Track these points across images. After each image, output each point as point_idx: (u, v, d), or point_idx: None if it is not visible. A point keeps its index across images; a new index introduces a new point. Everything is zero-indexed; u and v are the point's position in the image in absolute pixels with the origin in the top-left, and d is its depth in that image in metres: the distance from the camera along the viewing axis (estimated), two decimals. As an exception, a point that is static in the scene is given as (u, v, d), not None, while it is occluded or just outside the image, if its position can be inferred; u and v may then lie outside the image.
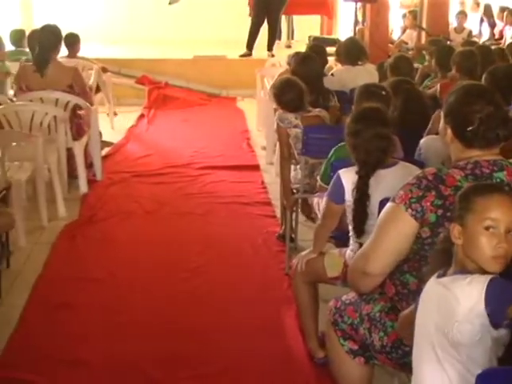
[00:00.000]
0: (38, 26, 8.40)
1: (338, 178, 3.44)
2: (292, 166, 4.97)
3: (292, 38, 13.77)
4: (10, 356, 3.80)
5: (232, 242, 5.38)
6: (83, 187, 6.41)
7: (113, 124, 9.01)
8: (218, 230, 5.62)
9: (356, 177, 3.34)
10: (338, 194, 3.43)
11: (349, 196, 3.37)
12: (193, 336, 4.02)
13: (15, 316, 4.21)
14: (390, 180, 3.24)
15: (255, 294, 4.52)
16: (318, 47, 6.80)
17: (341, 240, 3.69)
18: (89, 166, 6.72)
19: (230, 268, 4.91)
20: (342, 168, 3.54)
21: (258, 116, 9.13)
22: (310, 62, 5.56)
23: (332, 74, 6.43)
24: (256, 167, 7.33)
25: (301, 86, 4.87)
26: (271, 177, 6.84)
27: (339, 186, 3.42)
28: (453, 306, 2.10)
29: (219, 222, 5.79)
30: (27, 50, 8.22)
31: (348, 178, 3.39)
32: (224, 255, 5.13)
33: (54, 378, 3.57)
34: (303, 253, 3.70)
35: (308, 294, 3.70)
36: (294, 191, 4.86)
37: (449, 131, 2.70)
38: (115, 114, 9.06)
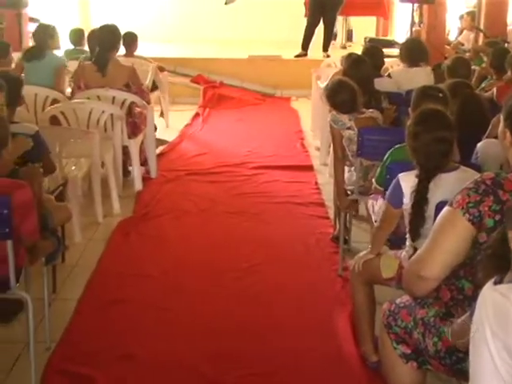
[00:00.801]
0: (95, 25, 8.56)
1: (398, 181, 3.41)
2: (346, 168, 4.95)
3: (350, 40, 13.70)
4: (65, 348, 3.87)
5: (285, 242, 5.38)
6: (138, 185, 6.48)
7: (168, 122, 9.07)
8: (270, 229, 5.63)
9: (415, 181, 3.30)
10: (396, 198, 3.41)
11: (407, 200, 3.34)
12: (244, 335, 4.04)
13: (69, 310, 4.29)
14: (450, 184, 3.19)
15: (307, 295, 4.52)
16: (374, 48, 6.76)
17: (395, 244, 3.67)
18: (143, 163, 6.79)
19: (283, 268, 4.91)
20: (397, 170, 3.52)
21: (312, 117, 9.10)
22: (361, 64, 5.52)
23: (389, 75, 6.38)
24: (310, 168, 7.31)
25: (353, 87, 4.84)
26: (325, 178, 6.83)
27: (398, 189, 3.39)
28: (510, 314, 2.07)
29: (272, 221, 5.80)
30: (85, 48, 8.35)
31: (407, 181, 3.36)
32: (276, 255, 5.13)
33: (107, 372, 3.61)
34: (361, 253, 3.70)
35: (364, 294, 3.68)
36: (348, 193, 4.84)
37: (508, 135, 2.65)
38: (161, 115, 9.10)
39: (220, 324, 4.15)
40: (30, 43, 8.52)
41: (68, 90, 7.14)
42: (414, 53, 6.57)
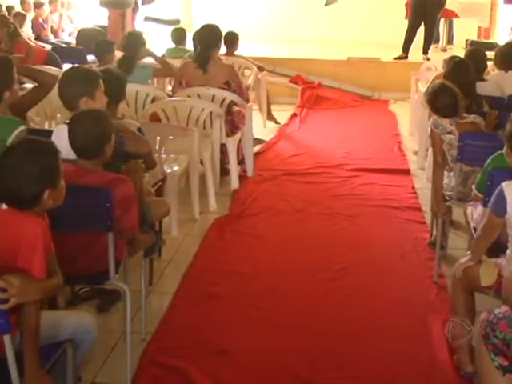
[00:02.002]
0: (196, 24, 8.68)
1: (501, 190, 3.33)
2: (445, 173, 4.87)
3: (450, 43, 13.47)
4: (160, 340, 3.95)
5: (379, 245, 5.33)
6: (234, 183, 6.55)
7: (265, 122, 9.12)
8: (365, 232, 5.60)
9: None
10: (500, 207, 3.33)
11: (510, 208, 3.27)
12: (337, 336, 4.03)
13: (165, 303, 4.38)
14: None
15: (401, 300, 4.47)
16: (477, 51, 6.60)
17: (494, 252, 3.59)
18: (240, 162, 6.85)
19: (377, 271, 4.87)
20: (499, 177, 3.45)
21: (410, 120, 8.99)
22: (463, 68, 5.41)
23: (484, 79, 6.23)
24: (407, 172, 7.22)
25: (455, 92, 4.76)
26: (422, 182, 6.73)
27: (502, 198, 3.31)
28: None
29: (367, 224, 5.76)
30: (187, 47, 8.49)
31: (511, 190, 3.29)
32: (371, 258, 5.10)
33: (200, 366, 3.66)
34: (462, 260, 3.64)
35: (464, 302, 3.62)
36: (447, 198, 4.76)
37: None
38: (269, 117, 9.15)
39: (313, 324, 4.15)
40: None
41: (169, 88, 7.28)
42: (506, 57, 6.36)
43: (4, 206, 2.74)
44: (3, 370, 2.58)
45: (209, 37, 6.48)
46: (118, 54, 7.06)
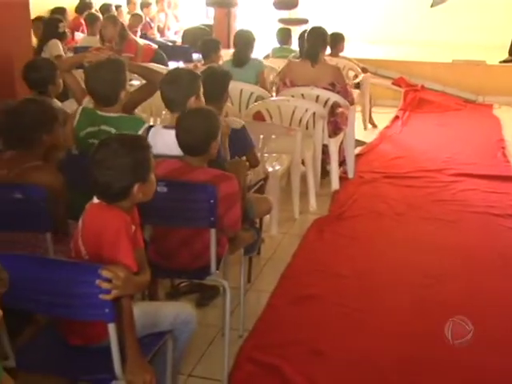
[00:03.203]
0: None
1: None
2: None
3: None
4: (257, 338, 3.98)
5: (480, 252, 5.21)
6: (335, 184, 6.54)
7: (366, 124, 9.06)
8: (466, 238, 5.48)
9: None
10: None
11: None
12: (429, 342, 3.95)
13: (262, 301, 4.40)
14: None
15: (500, 310, 4.36)
16: None
17: None
18: (341, 163, 6.83)
19: (477, 279, 4.76)
20: None
21: (519, 126, 8.76)
22: None
23: None
24: (510, 178, 7.03)
25: None
26: (527, 190, 6.56)
27: None
28: None
29: (468, 230, 5.64)
30: (291, 47, 8.53)
31: None
32: (471, 265, 4.99)
33: (295, 365, 3.67)
34: None
35: None
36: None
37: None
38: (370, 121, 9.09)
39: (406, 328, 4.10)
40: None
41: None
42: None
43: (95, 200, 2.81)
44: (105, 358, 2.64)
45: (315, 38, 6.47)
46: (223, 52, 7.16)
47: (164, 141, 3.72)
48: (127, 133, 2.97)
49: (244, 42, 7.02)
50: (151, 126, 4.18)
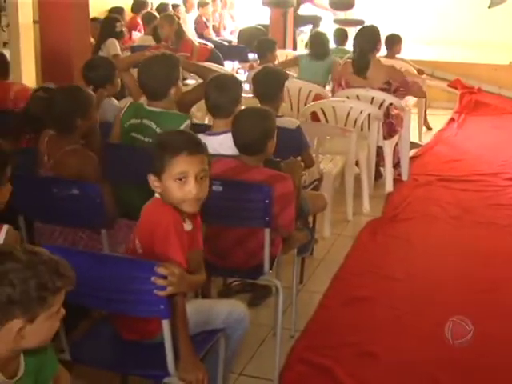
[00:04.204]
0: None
1: None
2: None
3: None
4: (308, 339, 3.98)
5: (537, 258, 5.13)
6: (389, 186, 6.50)
7: (421, 126, 8.97)
8: (522, 243, 5.40)
9: None
10: None
11: None
12: (485, 348, 3.89)
13: (314, 302, 4.40)
14: None
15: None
16: None
17: None
18: (396, 165, 6.79)
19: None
20: None
21: None
22: None
23: None
24: None
25: None
26: None
27: None
28: None
29: (524, 236, 5.55)
30: (347, 48, 8.49)
31: None
32: (526, 272, 4.92)
33: (346, 366, 3.66)
34: None
35: None
36: None
37: None
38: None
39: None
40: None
41: (327, 88, 7.32)
42: None
43: (156, 196, 2.83)
44: (157, 354, 2.66)
45: (367, 40, 6.43)
46: (279, 52, 7.19)
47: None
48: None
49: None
50: (194, 124, 4.21)
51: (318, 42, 7.54)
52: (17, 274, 1.93)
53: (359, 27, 7.30)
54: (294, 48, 11.07)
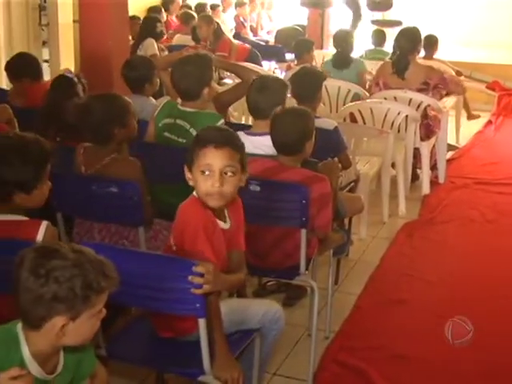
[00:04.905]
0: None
1: None
2: None
3: None
4: (343, 340, 3.97)
5: None
6: (425, 188, 6.46)
7: (459, 128, 8.90)
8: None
9: None
10: None
11: None
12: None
13: (349, 303, 4.39)
14: None
15: None
16: None
17: None
18: (432, 167, 6.75)
19: None
20: None
21: None
22: None
23: None
24: None
25: None
26: None
27: None
28: None
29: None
30: (385, 49, 8.46)
31: None
32: None
33: (381, 369, 3.64)
34: None
35: None
36: None
37: None
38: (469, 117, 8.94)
39: (496, 340, 4.01)
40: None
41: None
42: None
43: (194, 194, 2.84)
44: (193, 352, 2.68)
45: (409, 42, 6.39)
46: (317, 53, 7.18)
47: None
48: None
49: (346, 42, 7.08)
50: (232, 124, 4.22)
51: (341, 46, 7.33)
52: (63, 271, 1.95)
53: (397, 28, 7.24)
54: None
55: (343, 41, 7.15)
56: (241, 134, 3.81)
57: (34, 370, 2.03)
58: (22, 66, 5.39)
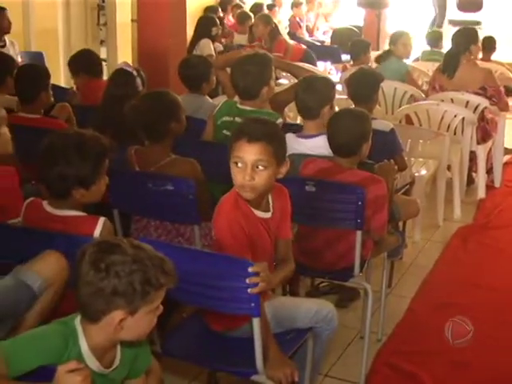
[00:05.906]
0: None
1: None
2: None
3: None
4: (395, 343, 3.95)
5: None
6: (481, 192, 6.39)
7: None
8: None
9: None
10: None
11: None
12: None
13: (402, 306, 4.36)
14: None
15: None
16: None
17: None
18: (488, 171, 6.66)
19: None
20: None
21: None
22: None
23: None
24: None
25: None
26: None
27: None
28: None
29: None
30: (441, 50, 8.37)
31: None
32: None
33: (435, 374, 3.61)
34: None
35: None
36: None
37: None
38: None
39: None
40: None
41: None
42: None
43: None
44: (245, 351, 2.68)
45: (462, 42, 6.32)
46: (373, 54, 7.14)
47: (296, 150, 3.74)
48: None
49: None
50: (287, 124, 4.22)
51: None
52: (124, 266, 1.98)
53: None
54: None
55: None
56: (292, 138, 3.82)
57: (91, 364, 2.06)
58: (82, 62, 5.48)
